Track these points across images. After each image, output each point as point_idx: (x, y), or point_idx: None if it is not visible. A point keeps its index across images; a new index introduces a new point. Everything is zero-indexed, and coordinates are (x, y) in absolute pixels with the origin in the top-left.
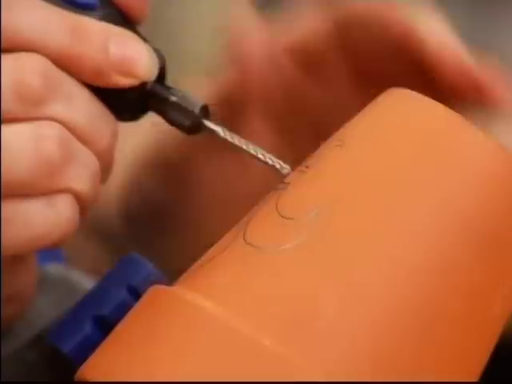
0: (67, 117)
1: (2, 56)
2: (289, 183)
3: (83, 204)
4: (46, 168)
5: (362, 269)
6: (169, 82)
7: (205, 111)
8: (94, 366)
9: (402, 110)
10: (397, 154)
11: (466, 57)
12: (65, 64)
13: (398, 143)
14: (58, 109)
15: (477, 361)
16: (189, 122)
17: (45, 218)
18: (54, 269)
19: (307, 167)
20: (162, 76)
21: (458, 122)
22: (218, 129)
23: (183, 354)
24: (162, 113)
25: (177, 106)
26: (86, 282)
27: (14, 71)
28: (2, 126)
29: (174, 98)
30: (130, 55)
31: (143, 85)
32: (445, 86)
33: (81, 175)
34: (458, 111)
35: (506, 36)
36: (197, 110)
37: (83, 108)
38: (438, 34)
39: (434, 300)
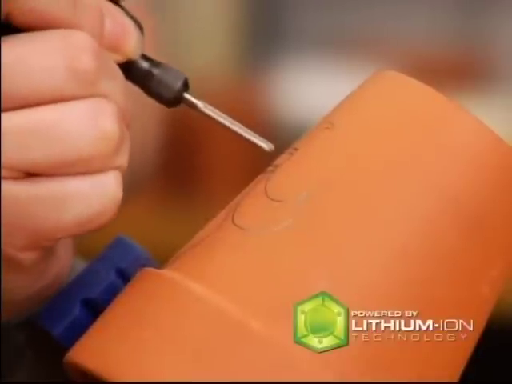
0: (114, 92)
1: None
2: (277, 166)
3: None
4: (105, 144)
5: (351, 251)
6: None
7: (185, 85)
8: (84, 349)
9: (391, 92)
10: (387, 137)
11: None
12: None
13: (387, 126)
14: (108, 85)
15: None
16: (170, 95)
17: (97, 196)
18: None
19: (296, 149)
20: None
21: (448, 105)
22: (199, 102)
23: (172, 336)
24: (142, 85)
25: (158, 79)
26: (76, 264)
27: (65, 49)
28: (59, 105)
29: (156, 71)
30: (121, 33)
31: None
32: None
33: (127, 151)
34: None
35: (499, 30)
36: (179, 84)
37: (122, 82)
38: None
39: (423, 282)
